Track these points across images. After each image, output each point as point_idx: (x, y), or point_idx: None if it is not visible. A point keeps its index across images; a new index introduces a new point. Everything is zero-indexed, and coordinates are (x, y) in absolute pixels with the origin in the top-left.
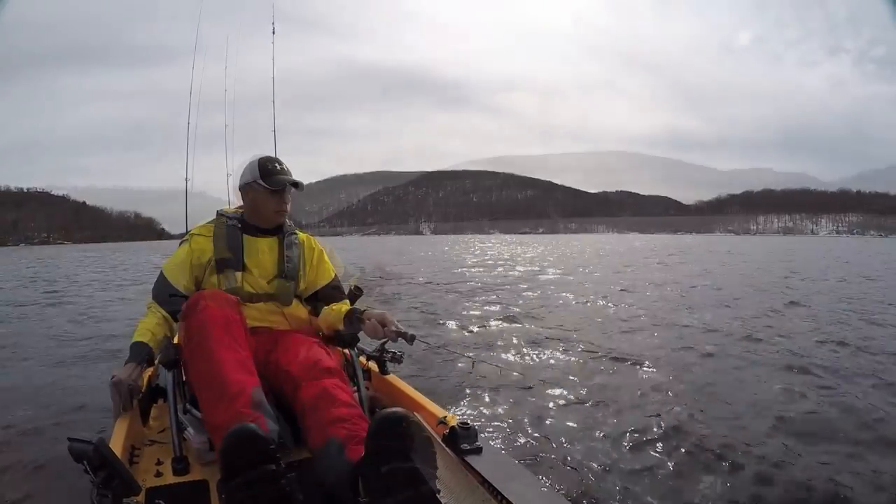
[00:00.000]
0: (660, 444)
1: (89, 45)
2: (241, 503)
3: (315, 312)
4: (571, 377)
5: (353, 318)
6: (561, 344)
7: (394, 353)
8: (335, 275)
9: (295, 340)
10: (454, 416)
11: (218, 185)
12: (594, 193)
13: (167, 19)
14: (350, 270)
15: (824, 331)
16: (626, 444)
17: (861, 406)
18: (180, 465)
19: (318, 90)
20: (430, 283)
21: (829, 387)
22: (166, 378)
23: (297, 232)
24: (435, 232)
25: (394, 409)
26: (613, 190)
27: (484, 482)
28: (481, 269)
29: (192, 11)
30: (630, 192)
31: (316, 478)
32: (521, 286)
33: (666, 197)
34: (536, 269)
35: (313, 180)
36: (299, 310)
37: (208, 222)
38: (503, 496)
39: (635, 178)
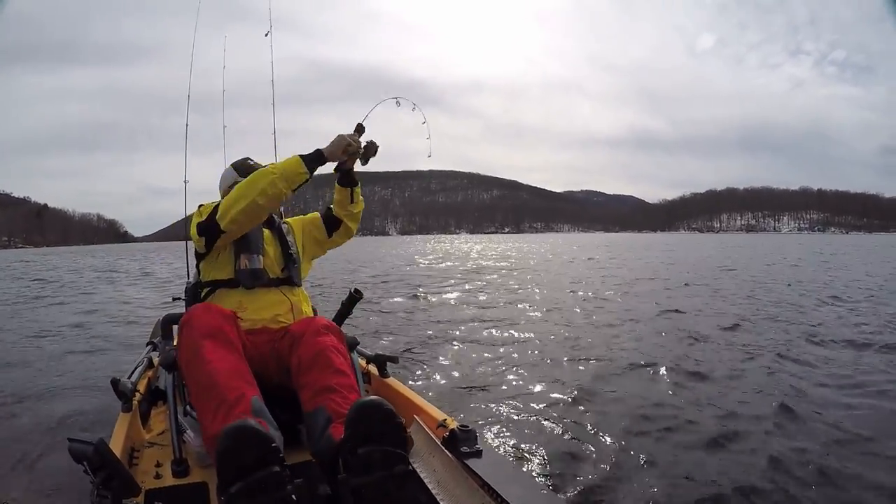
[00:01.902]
0: (660, 444)
1: (49, 43)
2: None
3: (343, 231)
4: (569, 381)
5: (317, 158)
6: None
7: (388, 355)
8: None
9: (296, 326)
10: (454, 419)
11: (180, 185)
12: (560, 193)
13: (131, 16)
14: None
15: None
16: (626, 446)
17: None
18: (180, 468)
19: (283, 90)
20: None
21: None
22: (166, 380)
23: (289, 223)
24: (401, 232)
25: (370, 398)
26: (579, 189)
27: (484, 485)
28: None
29: (155, 8)
30: (596, 191)
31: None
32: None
33: (631, 196)
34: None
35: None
36: (305, 301)
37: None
38: (503, 499)
39: (601, 177)
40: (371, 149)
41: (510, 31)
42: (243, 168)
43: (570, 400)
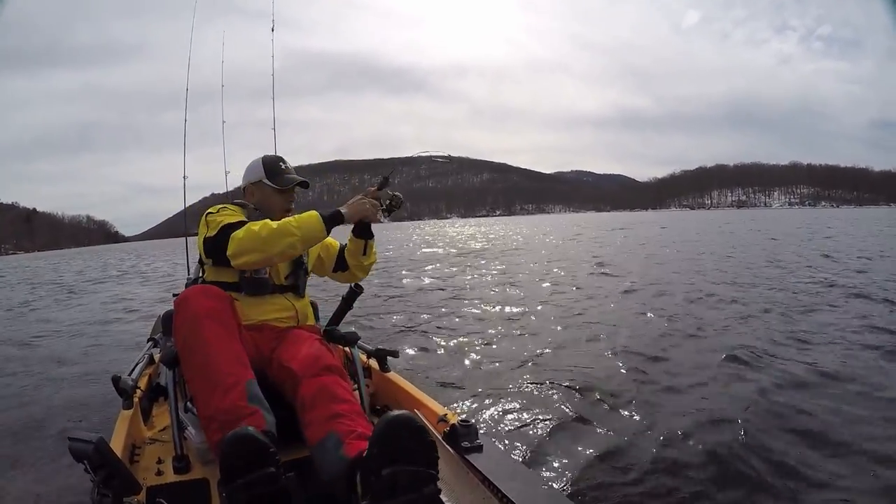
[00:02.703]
0: (660, 442)
1: (31, 47)
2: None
3: (347, 275)
4: (571, 371)
5: (336, 219)
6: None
7: (388, 350)
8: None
9: (298, 337)
10: (455, 414)
11: (170, 183)
12: (550, 174)
13: (114, 16)
14: None
15: None
16: (626, 440)
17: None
18: (181, 464)
19: (267, 81)
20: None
21: None
22: (167, 377)
23: None
24: (392, 219)
25: (399, 413)
26: (569, 170)
27: (484, 480)
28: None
29: (138, 6)
30: (585, 171)
31: (314, 476)
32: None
33: (620, 175)
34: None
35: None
36: (308, 306)
37: (233, 204)
38: (504, 494)
39: (590, 157)
40: (395, 204)
41: (493, 12)
42: (273, 170)
43: (572, 394)
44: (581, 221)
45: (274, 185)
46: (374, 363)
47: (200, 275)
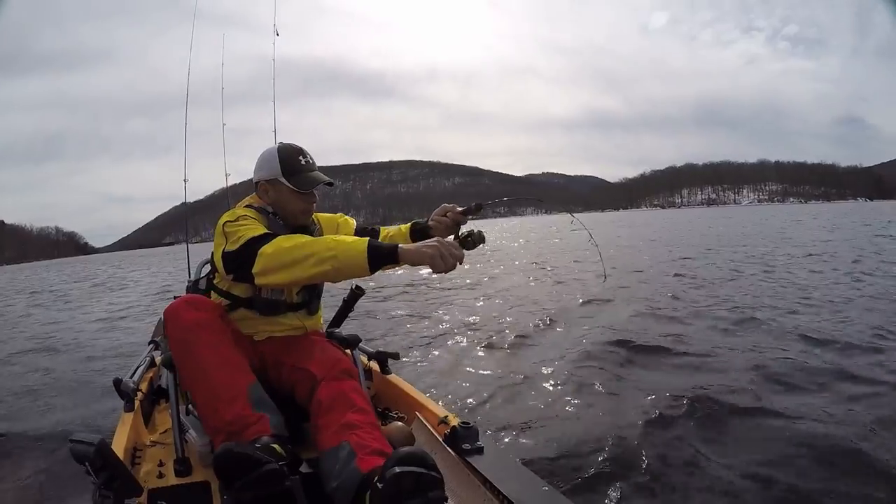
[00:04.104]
0: (661, 442)
1: None
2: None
3: None
4: (571, 371)
5: (389, 260)
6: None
7: (389, 352)
8: (355, 223)
9: (310, 341)
10: (455, 416)
11: (138, 191)
12: (521, 176)
13: (77, 22)
14: None
15: None
16: (627, 441)
17: None
18: (182, 467)
19: (237, 88)
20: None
21: None
22: (168, 379)
23: (317, 220)
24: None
25: (413, 456)
26: (540, 172)
27: (485, 482)
28: None
29: (102, 13)
30: (557, 174)
31: (316, 479)
32: None
33: (592, 176)
34: None
35: (237, 181)
36: (319, 322)
37: (245, 208)
38: (505, 496)
39: (561, 159)
40: (475, 240)
41: (463, 16)
42: (292, 167)
43: (572, 395)
44: (552, 224)
45: (293, 185)
46: (374, 365)
47: (201, 276)
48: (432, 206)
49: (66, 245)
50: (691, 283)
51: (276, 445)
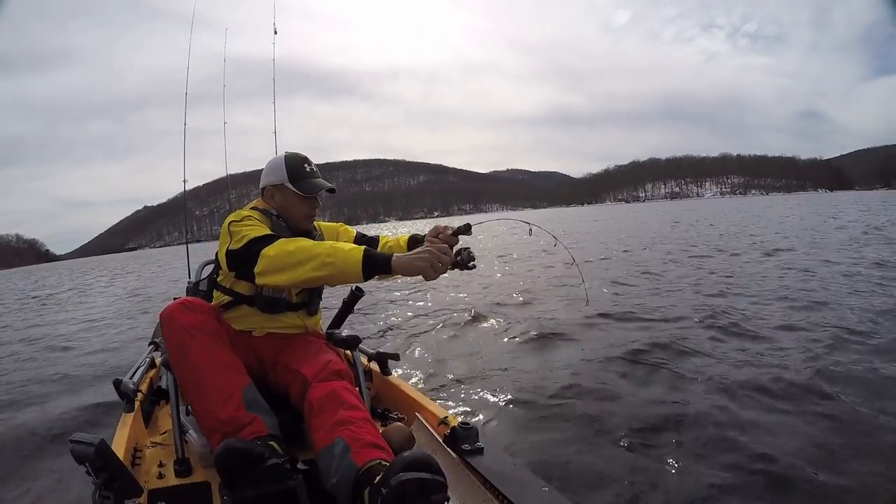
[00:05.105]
0: (662, 442)
1: None
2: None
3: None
4: (571, 372)
5: (382, 269)
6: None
7: (389, 353)
8: (355, 231)
9: (305, 342)
10: (455, 417)
11: (99, 196)
12: (486, 173)
13: (34, 21)
14: None
15: None
16: (627, 442)
17: None
18: (182, 467)
19: (198, 88)
20: None
21: None
22: (168, 380)
23: (319, 227)
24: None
25: (417, 461)
26: (504, 168)
27: (485, 482)
28: None
29: (60, 12)
30: (521, 170)
31: (317, 480)
32: None
33: (556, 172)
34: None
35: (200, 183)
36: (318, 322)
37: (251, 210)
38: (504, 496)
39: (525, 155)
40: (465, 259)
41: (425, 13)
42: (298, 173)
43: (573, 396)
44: (547, 217)
45: (298, 190)
46: (375, 366)
47: (202, 277)
48: (398, 205)
49: (27, 253)
50: (691, 283)
51: (273, 443)
